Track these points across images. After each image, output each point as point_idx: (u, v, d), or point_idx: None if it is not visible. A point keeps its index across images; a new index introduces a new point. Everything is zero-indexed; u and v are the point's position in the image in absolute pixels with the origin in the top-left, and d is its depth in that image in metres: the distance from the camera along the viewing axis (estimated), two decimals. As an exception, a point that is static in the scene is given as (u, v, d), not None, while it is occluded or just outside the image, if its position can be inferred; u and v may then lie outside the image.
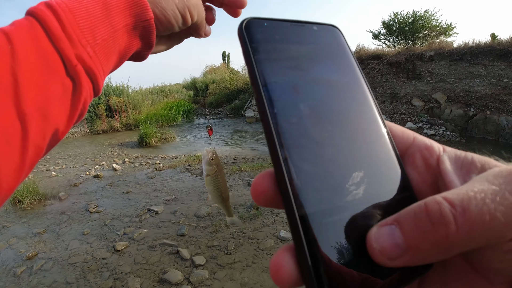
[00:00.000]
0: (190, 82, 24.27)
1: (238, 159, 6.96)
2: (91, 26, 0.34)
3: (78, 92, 0.34)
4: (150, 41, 0.42)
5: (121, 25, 0.37)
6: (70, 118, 0.35)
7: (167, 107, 15.31)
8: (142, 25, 0.39)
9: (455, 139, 8.86)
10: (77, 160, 8.01)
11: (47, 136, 0.32)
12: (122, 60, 0.41)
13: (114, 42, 0.37)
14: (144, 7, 0.38)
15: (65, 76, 0.32)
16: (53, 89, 0.31)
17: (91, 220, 4.18)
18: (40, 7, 0.33)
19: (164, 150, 8.88)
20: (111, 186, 5.58)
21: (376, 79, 12.31)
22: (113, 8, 0.36)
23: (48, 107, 0.31)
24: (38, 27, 0.31)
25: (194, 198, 4.64)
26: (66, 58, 0.32)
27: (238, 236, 3.46)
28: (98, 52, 0.35)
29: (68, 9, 0.33)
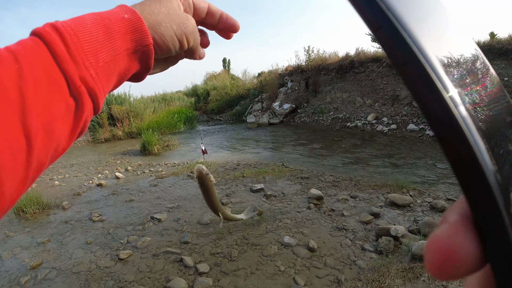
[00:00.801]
0: (191, 89, 24.37)
1: (240, 165, 6.96)
2: (94, 49, 0.36)
3: (80, 111, 0.35)
4: (148, 64, 0.44)
5: (122, 49, 0.39)
6: (72, 135, 0.36)
7: (169, 114, 15.38)
8: (142, 49, 0.41)
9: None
10: (80, 169, 8.04)
11: (49, 152, 0.33)
12: (121, 81, 0.42)
13: (115, 64, 0.39)
14: (144, 33, 0.40)
15: (68, 96, 0.34)
16: (57, 108, 0.33)
17: (94, 229, 4.19)
18: (46, 28, 0.34)
19: (166, 158, 8.91)
20: (114, 194, 5.59)
21: (376, 81, 12.31)
22: (115, 33, 0.38)
23: (52, 125, 0.32)
24: (44, 48, 0.33)
25: (197, 205, 4.64)
26: (70, 79, 0.33)
27: (241, 243, 3.45)
28: (100, 74, 0.36)
29: (73, 32, 0.35)
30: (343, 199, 4.47)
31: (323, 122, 12.73)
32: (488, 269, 0.18)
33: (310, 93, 14.53)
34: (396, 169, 6.40)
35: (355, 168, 6.61)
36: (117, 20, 0.39)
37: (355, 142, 9.31)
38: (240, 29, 0.55)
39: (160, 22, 0.43)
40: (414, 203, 4.27)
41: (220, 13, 0.53)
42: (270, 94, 16.03)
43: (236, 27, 0.54)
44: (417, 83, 0.17)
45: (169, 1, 0.45)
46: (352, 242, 3.38)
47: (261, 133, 12.28)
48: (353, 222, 3.80)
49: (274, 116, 14.60)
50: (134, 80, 0.47)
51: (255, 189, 5.02)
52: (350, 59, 13.47)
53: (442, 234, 0.18)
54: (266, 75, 18.19)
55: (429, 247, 0.18)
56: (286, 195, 4.77)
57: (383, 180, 5.41)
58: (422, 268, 2.76)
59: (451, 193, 4.71)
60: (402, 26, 0.18)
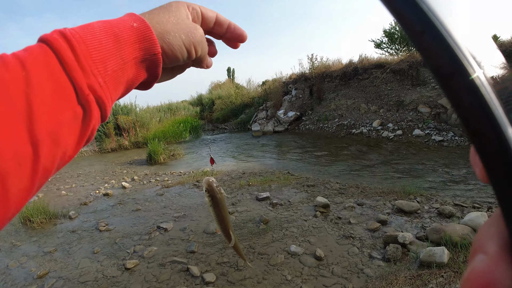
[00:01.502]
0: (196, 98, 24.59)
1: (245, 174, 6.97)
2: (103, 57, 0.36)
3: (87, 119, 0.35)
4: (156, 73, 0.44)
5: (130, 58, 0.39)
6: (79, 143, 0.36)
7: (175, 124, 15.50)
8: (150, 58, 0.41)
9: (464, 143, 8.73)
10: (87, 179, 8.10)
11: (56, 160, 0.33)
12: (129, 89, 0.43)
13: (123, 73, 0.39)
14: (153, 42, 0.41)
15: (76, 104, 0.33)
16: (65, 116, 0.32)
17: (101, 239, 4.21)
18: (54, 35, 0.34)
19: (172, 167, 8.95)
20: (121, 204, 5.61)
21: (380, 88, 12.29)
22: (124, 42, 0.38)
23: (59, 133, 0.32)
24: (52, 55, 0.33)
25: (203, 214, 4.65)
26: (78, 87, 0.33)
27: (248, 252, 3.44)
28: (108, 82, 0.36)
29: (82, 40, 0.35)
30: (349, 207, 4.44)
31: (328, 129, 12.71)
32: None
33: (315, 101, 14.55)
34: (402, 175, 6.35)
35: (361, 175, 6.57)
36: (126, 29, 0.39)
37: (360, 149, 9.27)
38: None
39: (169, 31, 0.43)
40: (422, 209, 4.23)
41: (228, 23, 0.54)
42: (274, 102, 16.09)
43: (243, 37, 0.55)
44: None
45: (178, 11, 0.46)
46: (359, 250, 3.34)
47: (266, 141, 12.29)
48: (360, 230, 3.77)
49: (279, 124, 14.62)
50: (141, 88, 0.47)
51: (261, 197, 5.01)
52: (354, 66, 13.50)
53: (483, 268, 0.17)
54: (270, 84, 18.30)
55: (470, 281, 0.17)
56: (292, 204, 4.76)
57: (390, 186, 5.37)
58: (430, 275, 2.72)
59: (459, 198, 4.66)
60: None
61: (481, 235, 0.19)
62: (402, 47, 15.01)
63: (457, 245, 3.07)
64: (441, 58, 0.17)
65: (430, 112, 10.52)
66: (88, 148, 13.25)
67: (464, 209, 4.16)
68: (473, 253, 0.19)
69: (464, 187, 5.31)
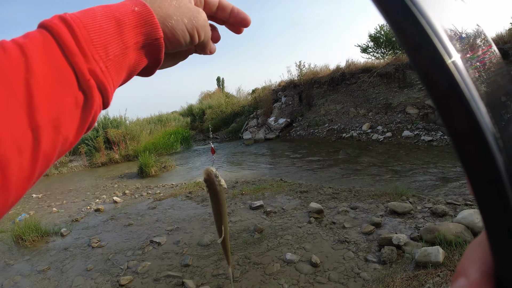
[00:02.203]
0: (186, 109, 24.53)
1: (238, 183, 6.93)
2: (104, 42, 0.35)
3: (89, 105, 0.34)
4: (158, 58, 0.43)
5: (132, 42, 0.38)
6: (80, 130, 0.35)
7: (165, 135, 15.43)
8: (152, 43, 0.41)
9: (454, 143, 8.86)
10: (78, 195, 8.00)
11: (57, 147, 0.33)
12: (131, 75, 0.42)
13: (125, 58, 0.38)
14: (154, 26, 0.40)
15: (77, 90, 0.33)
16: (66, 102, 0.32)
17: (94, 255, 4.14)
18: (54, 20, 0.33)
19: (164, 179, 8.86)
20: (113, 219, 5.53)
21: (368, 91, 12.47)
22: (125, 26, 0.37)
23: (60, 119, 0.31)
24: (52, 41, 0.32)
25: (196, 226, 4.59)
26: (79, 72, 0.33)
27: (243, 263, 3.40)
28: (110, 67, 0.36)
29: (83, 25, 0.34)
30: (343, 211, 4.44)
31: (319, 134, 12.79)
32: None
33: (304, 107, 14.66)
34: (394, 177, 6.40)
35: (354, 179, 6.60)
36: (127, 13, 0.38)
37: (351, 152, 9.34)
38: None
39: (171, 16, 0.42)
40: (415, 209, 4.26)
41: (231, 7, 0.53)
42: (265, 109, 16.16)
43: (247, 21, 0.54)
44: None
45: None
46: (355, 254, 3.34)
47: (258, 149, 12.30)
48: (354, 234, 3.77)
49: (270, 131, 14.66)
50: (144, 74, 0.46)
51: (254, 206, 4.98)
52: (341, 71, 13.69)
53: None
54: (260, 91, 18.40)
55: None
56: (286, 211, 4.74)
57: (382, 188, 5.40)
58: (427, 275, 2.73)
59: (451, 197, 4.70)
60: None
61: (466, 257, 0.20)
62: (387, 50, 15.30)
63: (452, 244, 3.09)
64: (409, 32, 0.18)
65: (418, 113, 10.69)
66: (78, 163, 13.08)
67: (457, 207, 4.20)
68: (456, 275, 0.19)
69: (455, 185, 5.38)
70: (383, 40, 15.30)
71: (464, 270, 0.19)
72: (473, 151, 0.18)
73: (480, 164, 0.18)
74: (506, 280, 0.17)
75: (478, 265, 0.18)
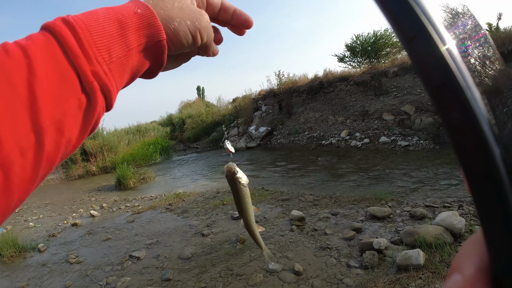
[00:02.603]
0: (166, 118, 24.23)
1: (220, 193, 6.85)
2: (107, 44, 0.35)
3: (92, 107, 0.34)
4: (161, 60, 0.43)
5: (135, 44, 0.38)
6: (83, 132, 0.35)
7: (144, 146, 15.12)
8: (155, 45, 0.40)
9: (429, 146, 9.18)
10: (54, 209, 7.78)
11: (60, 150, 0.32)
12: (134, 77, 0.42)
13: (128, 60, 0.38)
14: (157, 28, 0.40)
15: (80, 92, 0.33)
16: (69, 104, 0.32)
17: (72, 271, 4.00)
18: (57, 22, 0.33)
19: (143, 191, 8.64)
20: (90, 234, 5.37)
21: (345, 99, 12.78)
22: (128, 28, 0.37)
23: (63, 122, 0.31)
24: (54, 43, 0.32)
25: (177, 239, 4.47)
26: (82, 75, 0.32)
27: (225, 275, 3.33)
28: (113, 69, 0.36)
29: (85, 27, 0.34)
30: (324, 218, 4.46)
31: (299, 142, 12.92)
32: None
33: (284, 115, 14.81)
34: (373, 182, 6.53)
35: (334, 185, 6.68)
36: (130, 15, 0.38)
37: (331, 159, 9.47)
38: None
39: (174, 17, 0.42)
40: (394, 213, 4.34)
41: (233, 8, 0.53)
42: (245, 118, 16.20)
43: (249, 22, 0.54)
44: None
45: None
46: (337, 260, 3.34)
47: (239, 158, 12.25)
48: (336, 240, 3.79)
49: (251, 140, 14.68)
50: (147, 76, 0.46)
51: (236, 216, 4.92)
52: (319, 80, 13.99)
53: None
54: (241, 100, 18.47)
55: None
56: (268, 219, 4.71)
57: (362, 194, 5.48)
58: (409, 278, 2.76)
59: (429, 200, 4.83)
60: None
61: (462, 253, 0.19)
62: (363, 59, 15.80)
63: (432, 246, 3.15)
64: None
65: (394, 119, 11.03)
66: (54, 176, 12.62)
67: (435, 209, 4.31)
68: (451, 271, 0.19)
69: (433, 188, 5.54)
70: (359, 50, 15.79)
71: (459, 266, 0.19)
72: (468, 142, 0.17)
73: (476, 156, 0.17)
74: (502, 277, 0.17)
75: (473, 261, 0.18)
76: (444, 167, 6.87)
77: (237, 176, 0.77)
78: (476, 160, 0.17)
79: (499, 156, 0.17)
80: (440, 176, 6.28)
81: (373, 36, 15.26)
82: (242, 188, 0.79)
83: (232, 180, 0.77)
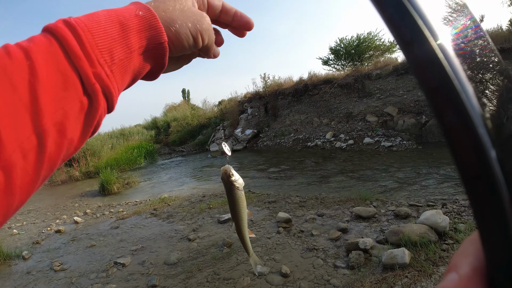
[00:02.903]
0: (150, 122, 23.90)
1: (206, 196, 6.79)
2: (108, 46, 0.35)
3: (94, 109, 0.34)
4: (163, 62, 0.43)
5: (136, 47, 0.38)
6: (85, 134, 0.35)
7: (128, 150, 14.83)
8: (157, 47, 0.40)
9: (412, 147, 9.39)
10: (38, 216, 7.56)
11: (62, 152, 0.32)
12: (135, 79, 0.42)
13: (130, 62, 0.38)
14: (159, 30, 0.40)
15: (82, 94, 0.33)
16: (71, 106, 0.32)
17: (57, 279, 3.89)
18: (58, 24, 0.33)
19: (127, 196, 8.48)
20: (74, 240, 5.24)
21: (330, 101, 12.94)
22: (130, 30, 0.37)
23: (65, 124, 0.31)
24: (57, 45, 0.32)
25: (162, 245, 4.40)
26: (84, 77, 0.32)
27: (212, 279, 3.29)
28: (114, 71, 0.36)
29: (87, 29, 0.34)
30: (310, 219, 4.49)
31: (285, 144, 12.98)
32: None
33: (270, 118, 14.87)
34: (358, 182, 6.62)
35: (319, 186, 6.73)
36: (131, 17, 0.38)
37: (317, 161, 9.56)
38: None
39: (175, 20, 0.42)
40: (379, 213, 4.40)
41: (234, 10, 0.53)
42: (231, 121, 16.16)
43: (250, 24, 0.54)
44: None
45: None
46: (324, 261, 3.36)
47: (225, 160, 12.18)
48: (322, 241, 3.81)
49: (237, 142, 14.65)
50: (148, 78, 0.46)
51: (222, 220, 4.88)
52: (304, 82, 14.14)
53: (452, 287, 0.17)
54: (226, 103, 18.42)
55: None
56: (255, 222, 4.70)
57: (347, 194, 5.55)
58: (395, 277, 2.80)
59: (413, 199, 4.93)
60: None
61: (459, 252, 0.20)
62: (347, 62, 16.07)
63: (417, 244, 3.21)
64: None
65: (378, 120, 11.24)
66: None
67: (419, 208, 4.40)
68: (448, 270, 0.19)
69: (416, 188, 5.66)
70: (342, 53, 16.06)
71: (455, 265, 0.19)
72: (462, 144, 0.17)
73: (471, 158, 0.17)
74: (497, 276, 0.17)
75: (470, 260, 0.19)
76: (427, 167, 7.04)
77: (232, 179, 0.77)
78: (471, 160, 0.17)
79: (495, 156, 0.17)
80: (423, 175, 6.43)
81: (357, 39, 15.56)
82: (237, 191, 0.79)
83: (227, 182, 0.77)
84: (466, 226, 3.54)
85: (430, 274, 2.76)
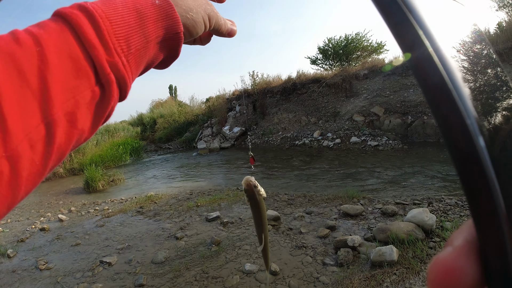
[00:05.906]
0: (136, 118, 23.46)
1: (193, 194, 6.73)
2: (126, 34, 0.34)
3: (107, 100, 0.33)
4: (177, 52, 0.43)
5: (153, 36, 0.37)
6: (96, 124, 0.34)
7: (113, 146, 14.53)
8: (172, 37, 0.40)
9: (398, 146, 9.56)
10: (22, 213, 7.32)
11: (72, 142, 0.31)
12: (147, 68, 0.41)
13: (146, 52, 0.37)
14: (175, 20, 0.39)
15: (95, 84, 0.31)
16: (83, 96, 0.30)
17: (42, 278, 3.78)
18: (73, 10, 0.31)
19: (112, 194, 8.31)
20: (59, 239, 5.09)
21: (318, 100, 13.03)
22: (147, 19, 0.36)
23: (75, 114, 0.30)
24: (68, 32, 0.30)
25: (149, 243, 4.33)
26: (99, 66, 0.31)
27: (201, 278, 3.26)
28: (131, 61, 0.35)
29: (105, 16, 0.32)
30: (299, 217, 4.51)
31: (273, 142, 13.01)
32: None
33: (258, 116, 14.86)
34: (345, 181, 6.69)
35: (307, 184, 6.77)
36: (148, 6, 0.37)
37: (304, 159, 9.62)
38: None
39: (191, 8, 0.42)
40: (366, 211, 4.46)
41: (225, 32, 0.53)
42: (219, 118, 16.06)
43: (233, 33, 0.54)
44: None
45: None
46: (313, 258, 3.38)
47: (213, 158, 12.12)
48: (311, 238, 3.83)
49: (225, 140, 14.57)
50: (160, 67, 0.45)
51: (210, 218, 4.85)
52: (293, 81, 14.17)
53: (446, 256, 0.19)
54: (214, 100, 18.29)
55: (432, 268, 0.19)
56: (243, 220, 4.68)
57: (335, 192, 5.60)
58: (383, 274, 2.84)
59: (399, 197, 5.02)
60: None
61: (457, 230, 0.22)
62: (335, 62, 16.21)
63: (404, 242, 3.27)
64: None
65: (364, 120, 11.39)
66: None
67: (406, 206, 4.48)
68: (445, 245, 0.21)
69: (402, 186, 5.77)
70: (331, 53, 16.19)
71: (451, 239, 0.21)
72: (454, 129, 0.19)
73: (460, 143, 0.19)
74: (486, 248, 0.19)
75: (463, 235, 0.21)
76: (412, 166, 7.19)
77: (258, 189, 0.72)
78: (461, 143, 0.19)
79: (483, 142, 0.19)
80: (409, 174, 6.56)
81: (345, 39, 15.71)
82: (263, 203, 0.74)
83: (252, 194, 0.72)
84: (452, 224, 3.63)
85: (418, 271, 2.81)
